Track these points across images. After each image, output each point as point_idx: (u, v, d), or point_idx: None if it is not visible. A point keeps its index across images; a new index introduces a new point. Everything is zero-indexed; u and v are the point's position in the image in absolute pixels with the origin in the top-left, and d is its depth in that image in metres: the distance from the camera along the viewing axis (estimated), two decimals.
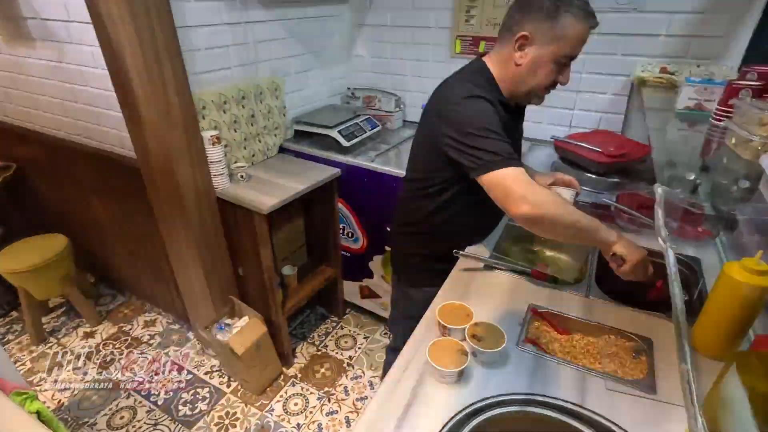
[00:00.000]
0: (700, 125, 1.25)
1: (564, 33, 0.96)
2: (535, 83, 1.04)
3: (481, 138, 0.95)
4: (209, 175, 1.70)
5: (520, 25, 1.00)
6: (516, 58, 1.03)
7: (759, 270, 0.75)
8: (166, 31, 1.41)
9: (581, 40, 0.98)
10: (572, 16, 0.94)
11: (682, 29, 1.64)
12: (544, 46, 0.99)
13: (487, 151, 0.94)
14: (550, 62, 1.00)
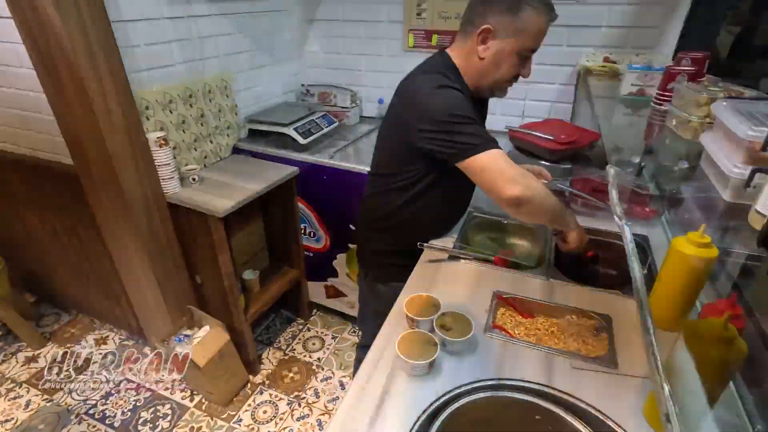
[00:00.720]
0: (643, 110, 1.31)
1: (525, 26, 0.97)
2: (498, 76, 1.06)
3: (460, 124, 0.95)
4: (158, 179, 1.60)
5: (483, 19, 1.00)
6: (479, 51, 1.03)
7: (703, 242, 0.79)
8: (99, 24, 1.31)
9: (542, 33, 1.00)
10: (533, 9, 0.96)
11: (620, 20, 1.72)
12: (507, 39, 1.00)
13: (469, 135, 0.94)
14: (512, 55, 1.01)
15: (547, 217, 1.00)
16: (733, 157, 0.70)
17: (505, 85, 1.09)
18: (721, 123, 0.76)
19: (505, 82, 1.08)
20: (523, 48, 1.01)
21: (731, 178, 0.69)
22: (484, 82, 1.08)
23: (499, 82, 1.07)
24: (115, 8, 1.38)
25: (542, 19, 0.98)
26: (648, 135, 1.20)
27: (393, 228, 1.24)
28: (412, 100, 1.04)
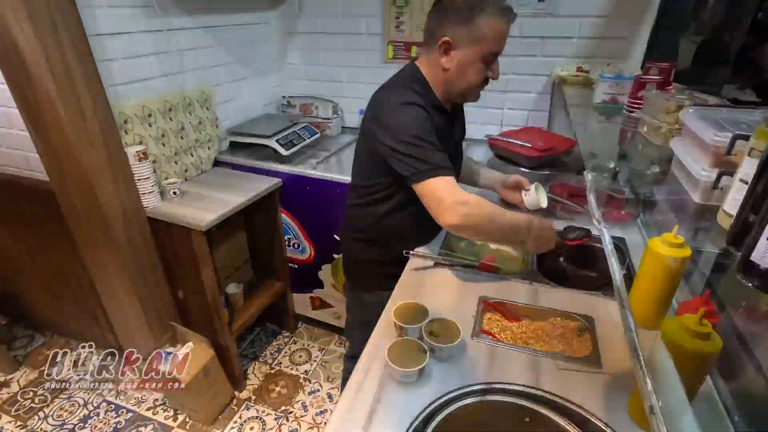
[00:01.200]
0: (616, 117, 1.37)
1: (483, 33, 0.98)
2: (465, 84, 1.07)
3: (414, 146, 0.97)
4: (137, 194, 1.57)
5: (441, 31, 1.02)
6: (443, 63, 1.05)
7: (677, 243, 0.82)
8: (75, 39, 1.29)
9: (501, 36, 1.01)
10: (487, 15, 0.97)
11: (591, 32, 1.80)
12: (467, 48, 1.01)
13: (418, 160, 0.96)
14: (476, 62, 1.03)
15: (492, 238, 1.06)
16: (700, 161, 0.74)
17: (475, 90, 1.10)
18: (688, 129, 0.81)
19: (475, 88, 1.09)
20: (485, 54, 1.01)
21: (700, 180, 0.73)
22: (454, 91, 1.10)
23: (469, 89, 1.09)
24: (92, 22, 1.37)
25: (499, 23, 0.99)
26: (621, 141, 1.25)
27: (376, 238, 1.25)
28: (378, 115, 1.05)
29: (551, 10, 1.80)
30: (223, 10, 1.91)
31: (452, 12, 0.99)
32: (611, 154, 1.29)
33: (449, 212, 0.94)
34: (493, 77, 1.07)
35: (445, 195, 0.94)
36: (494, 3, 0.98)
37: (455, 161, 1.26)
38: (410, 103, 1.01)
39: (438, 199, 0.95)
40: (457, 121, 1.26)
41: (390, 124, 1.01)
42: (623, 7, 1.71)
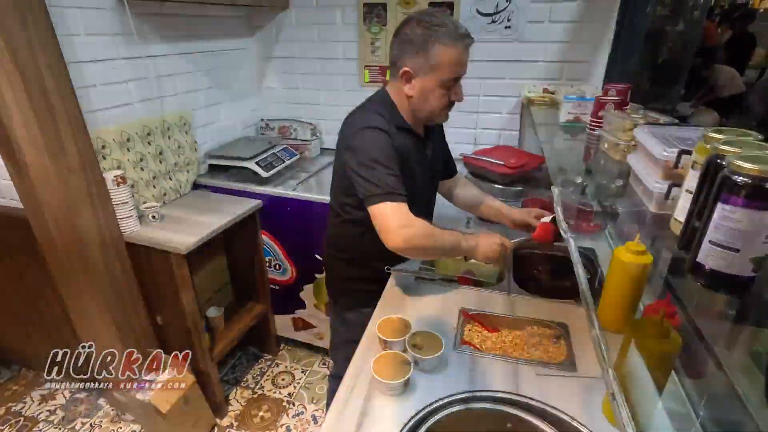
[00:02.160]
0: (580, 135, 1.46)
1: (439, 61, 1.02)
2: (430, 109, 1.11)
3: (370, 169, 1.01)
4: (115, 219, 1.56)
5: (402, 62, 1.06)
6: (406, 90, 1.09)
7: (638, 250, 0.88)
8: (54, 66, 1.30)
9: (458, 62, 1.04)
10: (441, 43, 1.01)
11: (555, 56, 1.91)
12: (427, 76, 1.05)
13: (371, 183, 1.01)
14: (437, 88, 1.06)
15: (435, 257, 1.14)
16: (653, 174, 0.80)
17: (440, 112, 1.13)
18: (642, 146, 0.88)
19: (439, 112, 1.12)
20: (444, 80, 1.05)
21: (654, 192, 0.80)
22: (420, 115, 1.14)
23: (433, 113, 1.12)
24: (70, 49, 1.38)
25: (454, 50, 1.02)
26: (586, 157, 1.33)
27: (357, 257, 1.28)
28: (346, 137, 1.10)
29: (517, 36, 1.92)
30: (201, 37, 1.96)
31: (409, 43, 1.03)
32: (578, 170, 1.37)
33: (393, 235, 0.98)
34: (457, 100, 1.11)
35: (391, 219, 0.99)
36: (447, 32, 1.01)
37: (430, 180, 1.30)
38: (373, 127, 1.05)
39: (385, 223, 0.99)
40: (432, 143, 1.28)
41: (353, 145, 1.05)
42: (583, 33, 1.84)
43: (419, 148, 1.20)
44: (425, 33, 1.01)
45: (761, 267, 0.54)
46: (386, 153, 1.03)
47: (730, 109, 3.64)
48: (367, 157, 1.02)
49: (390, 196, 0.99)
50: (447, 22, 1.02)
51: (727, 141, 0.59)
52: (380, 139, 1.04)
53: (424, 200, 1.29)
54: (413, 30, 1.03)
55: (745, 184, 0.50)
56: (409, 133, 1.16)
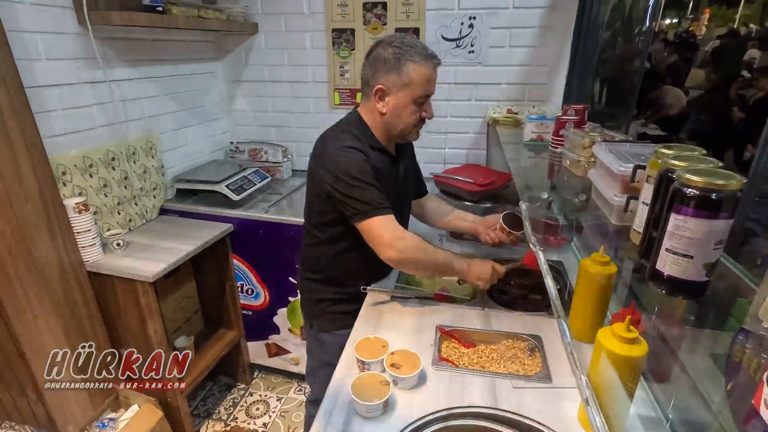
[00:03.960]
0: (544, 152, 1.53)
1: (411, 79, 1.08)
2: (402, 125, 1.15)
3: (354, 187, 1.05)
4: (76, 247, 1.49)
5: (375, 80, 1.11)
6: (379, 108, 1.13)
7: (603, 261, 0.93)
8: (11, 91, 1.25)
9: (429, 80, 1.10)
10: (413, 63, 1.07)
11: (517, 78, 2.01)
12: (399, 93, 1.10)
13: (358, 200, 1.05)
14: (409, 105, 1.11)
15: (428, 272, 1.14)
16: (612, 188, 0.85)
17: (412, 130, 1.17)
18: (601, 162, 0.93)
19: (412, 128, 1.16)
20: (416, 97, 1.10)
21: (613, 205, 0.84)
22: (393, 133, 1.18)
23: (406, 129, 1.16)
24: (30, 74, 1.34)
25: (425, 68, 1.08)
26: (550, 174, 1.39)
27: (332, 277, 1.27)
28: (322, 159, 1.12)
29: (480, 60, 2.01)
30: (168, 61, 1.94)
31: (382, 62, 1.09)
32: (544, 186, 1.43)
33: (388, 248, 1.04)
34: (427, 117, 1.16)
35: (384, 232, 1.04)
36: (418, 52, 1.08)
37: (402, 199, 1.32)
38: (349, 147, 1.09)
39: (378, 236, 1.05)
40: (403, 161, 1.31)
41: (332, 167, 1.08)
42: (542, 57, 1.95)
43: (392, 168, 1.23)
44: (398, 52, 1.07)
45: (713, 272, 0.57)
46: (367, 170, 1.08)
47: (678, 125, 3.92)
48: (349, 177, 1.06)
49: (379, 210, 1.05)
50: (416, 43, 1.09)
51: (676, 156, 0.64)
52: (358, 158, 1.08)
53: (399, 212, 1.29)
54: (386, 50, 1.08)
55: (693, 195, 0.54)
56: (383, 153, 1.19)
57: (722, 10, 7.98)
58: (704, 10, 8.30)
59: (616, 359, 0.70)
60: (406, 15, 2.01)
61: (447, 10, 1.97)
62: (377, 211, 1.05)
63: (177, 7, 1.73)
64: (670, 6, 7.92)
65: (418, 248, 1.08)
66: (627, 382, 0.74)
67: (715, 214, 0.53)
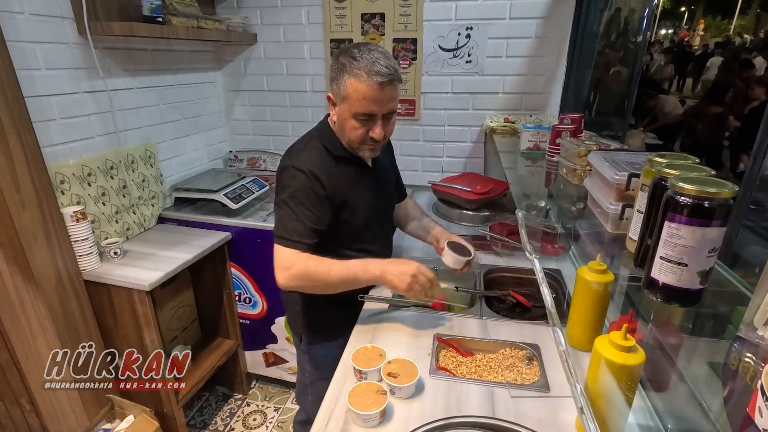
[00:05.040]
0: (540, 161, 1.53)
1: (348, 93, 1.01)
2: (346, 138, 1.10)
3: (279, 209, 1.08)
4: (74, 256, 1.49)
5: (329, 86, 1.10)
6: (332, 115, 1.12)
7: (600, 269, 0.93)
8: (11, 100, 1.26)
9: (368, 98, 1.00)
10: (352, 76, 0.99)
11: (514, 88, 2.03)
12: (340, 105, 1.06)
13: (277, 223, 1.08)
14: (349, 119, 1.05)
15: (330, 290, 1.08)
16: (608, 196, 0.86)
17: (358, 145, 1.10)
18: (596, 170, 0.94)
19: (357, 143, 1.09)
20: (354, 113, 1.03)
21: (609, 213, 0.85)
22: (344, 143, 1.13)
23: (351, 144, 1.11)
24: (30, 83, 1.35)
25: (363, 85, 0.99)
26: (547, 182, 1.40)
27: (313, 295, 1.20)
28: (278, 172, 1.13)
29: (477, 70, 2.03)
30: (168, 70, 1.96)
31: (332, 69, 1.06)
32: (541, 194, 1.43)
33: (277, 275, 1.06)
34: (374, 136, 1.07)
35: (276, 260, 1.06)
36: (362, 66, 0.99)
37: (382, 206, 1.27)
38: (295, 168, 1.07)
39: (276, 261, 1.07)
40: (381, 166, 1.26)
41: (277, 184, 1.11)
42: (538, 67, 1.97)
43: (366, 176, 1.20)
44: (342, 63, 1.02)
45: (707, 279, 0.58)
46: (299, 197, 1.06)
47: (674, 133, 3.95)
48: (280, 197, 1.08)
49: (282, 240, 1.05)
50: (366, 57, 1.00)
51: (669, 164, 0.65)
52: (298, 180, 1.06)
53: (380, 226, 1.28)
54: (337, 59, 1.04)
55: (686, 203, 0.55)
56: (351, 162, 1.15)
57: (717, 21, 8.10)
58: (699, 20, 8.42)
59: (613, 367, 0.70)
60: (403, 25, 2.04)
61: (444, 21, 1.99)
62: (280, 240, 1.06)
63: (177, 17, 1.75)
64: (665, 17, 8.03)
65: (303, 276, 1.05)
66: (624, 391, 0.74)
67: (708, 222, 0.54)
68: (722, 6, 7.75)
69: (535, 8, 1.89)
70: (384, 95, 1.01)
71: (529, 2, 1.88)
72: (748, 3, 7.03)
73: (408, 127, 2.20)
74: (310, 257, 1.05)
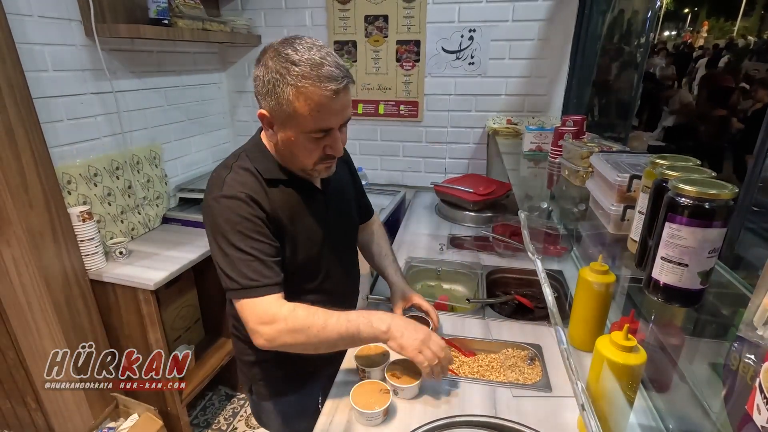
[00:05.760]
0: (543, 163, 1.54)
1: (293, 109, 0.77)
2: (299, 163, 0.88)
3: (223, 255, 0.83)
4: (80, 255, 1.50)
5: (258, 102, 0.83)
6: (269, 137, 0.88)
7: (602, 270, 0.94)
8: (20, 102, 1.28)
9: (323, 111, 0.78)
10: (296, 89, 0.76)
11: (516, 90, 2.04)
12: (283, 126, 0.82)
13: (226, 276, 0.83)
14: (299, 141, 0.82)
15: (319, 351, 0.85)
16: (609, 198, 0.86)
17: (314, 167, 0.87)
18: (598, 172, 0.95)
19: (314, 165, 0.87)
20: (306, 132, 0.81)
21: (611, 214, 0.85)
22: (294, 168, 0.90)
23: (305, 169, 0.88)
24: (37, 85, 1.36)
25: (314, 97, 0.76)
26: (549, 184, 1.40)
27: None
28: (203, 209, 0.89)
29: (481, 72, 2.04)
30: (173, 72, 1.97)
31: (261, 83, 0.79)
32: (544, 195, 1.44)
33: (255, 335, 0.82)
34: (334, 153, 0.86)
35: (249, 318, 0.82)
36: (305, 74, 0.75)
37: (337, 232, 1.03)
38: (225, 197, 0.84)
39: (245, 320, 0.83)
40: (332, 187, 1.02)
41: (208, 224, 0.86)
42: (541, 69, 1.98)
43: (314, 198, 0.96)
44: (276, 72, 0.77)
45: (708, 280, 0.58)
46: (240, 231, 0.83)
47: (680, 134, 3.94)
48: (220, 239, 0.83)
49: (246, 291, 0.82)
50: (306, 59, 0.76)
51: (670, 166, 0.65)
52: (231, 210, 0.83)
53: (337, 259, 1.04)
54: (266, 64, 0.78)
55: (687, 204, 0.55)
56: (292, 185, 0.92)
57: (720, 23, 8.08)
58: (703, 22, 8.40)
59: (614, 368, 0.71)
60: (407, 27, 2.05)
61: (447, 23, 2.00)
62: (245, 292, 0.82)
63: (182, 20, 1.76)
64: (668, 19, 8.01)
65: (292, 330, 0.81)
66: (626, 391, 0.74)
67: (709, 223, 0.54)
68: (726, 8, 7.75)
69: (537, 11, 1.90)
70: (339, 103, 0.79)
71: (531, 5, 1.89)
72: (752, 5, 7.02)
73: (411, 129, 2.21)
74: (297, 306, 0.84)
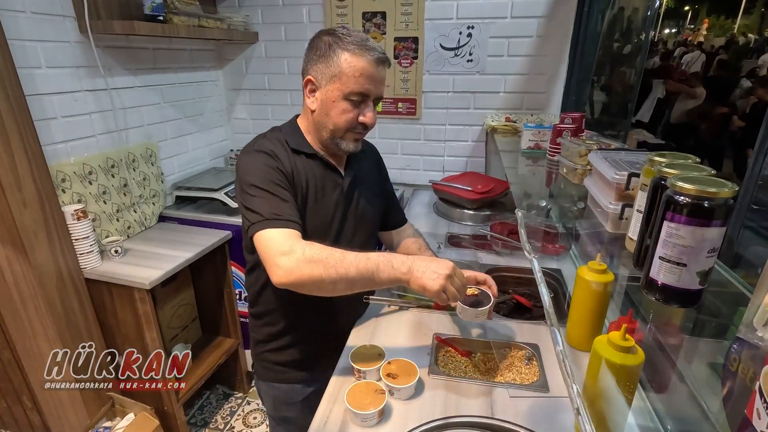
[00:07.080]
0: (541, 160, 1.53)
1: (342, 70, 0.91)
2: (331, 125, 0.97)
3: (249, 196, 0.89)
4: (75, 254, 1.49)
5: (306, 71, 0.97)
6: (309, 104, 0.98)
7: (600, 269, 0.93)
8: (12, 99, 1.26)
9: (365, 75, 0.92)
10: (347, 52, 0.91)
11: (515, 87, 2.02)
12: (328, 86, 0.94)
13: (251, 211, 0.87)
14: (339, 100, 0.94)
15: (340, 288, 0.83)
16: (608, 196, 0.85)
17: (343, 134, 0.98)
18: (596, 170, 0.94)
19: (343, 131, 0.97)
20: (347, 92, 0.93)
21: (609, 213, 0.84)
22: (324, 135, 0.99)
23: (336, 131, 0.97)
24: (30, 82, 1.35)
25: (359, 60, 0.91)
26: (547, 182, 1.39)
27: (261, 313, 1.11)
28: (236, 169, 0.98)
29: (479, 69, 2.02)
30: (169, 69, 1.96)
31: (314, 49, 0.95)
32: (542, 194, 1.43)
33: (274, 267, 0.80)
34: (365, 122, 0.97)
35: (270, 248, 0.82)
36: (353, 41, 0.92)
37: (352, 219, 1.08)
38: (255, 151, 0.95)
39: (264, 255, 0.83)
40: (356, 176, 1.08)
41: (237, 175, 0.95)
42: (540, 66, 1.96)
43: (332, 178, 1.04)
44: (330, 40, 0.93)
45: (707, 280, 0.57)
46: (269, 177, 0.91)
47: (682, 133, 3.93)
48: (246, 184, 0.90)
49: (270, 222, 0.85)
50: (355, 34, 0.93)
51: (669, 164, 0.64)
52: (259, 160, 0.93)
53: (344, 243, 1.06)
54: (320, 39, 0.95)
55: (685, 203, 0.54)
56: (314, 159, 1.02)
57: (721, 20, 8.06)
58: (703, 20, 8.37)
59: (612, 368, 0.70)
60: (405, 24, 2.03)
61: (445, 20, 1.98)
62: (268, 222, 0.84)
63: (178, 16, 1.75)
64: (668, 16, 7.99)
65: (311, 260, 0.80)
66: (624, 391, 0.73)
67: (708, 222, 0.53)
68: (726, 5, 7.71)
69: (536, 7, 1.88)
70: (380, 74, 0.95)
71: (530, 1, 1.88)
72: (753, 2, 6.99)
73: (409, 126, 2.20)
74: (310, 243, 0.84)
